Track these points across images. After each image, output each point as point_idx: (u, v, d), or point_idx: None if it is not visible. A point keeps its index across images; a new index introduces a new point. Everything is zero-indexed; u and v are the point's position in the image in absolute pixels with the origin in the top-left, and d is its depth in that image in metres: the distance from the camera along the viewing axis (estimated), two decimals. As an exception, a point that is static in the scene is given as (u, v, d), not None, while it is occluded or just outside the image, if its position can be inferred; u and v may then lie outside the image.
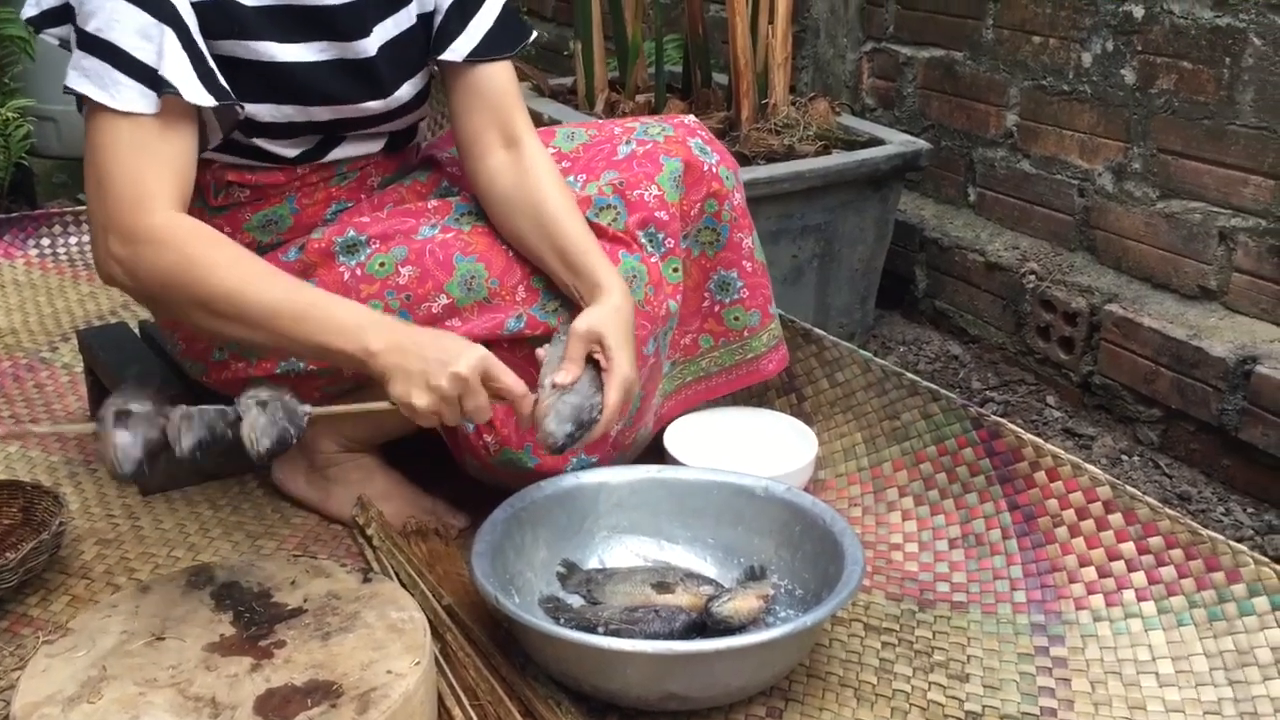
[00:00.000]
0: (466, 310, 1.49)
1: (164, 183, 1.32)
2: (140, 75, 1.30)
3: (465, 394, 1.27)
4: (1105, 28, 2.31)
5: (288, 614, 1.27)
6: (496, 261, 1.51)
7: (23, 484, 1.62)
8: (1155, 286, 2.27)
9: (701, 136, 1.69)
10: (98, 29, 1.30)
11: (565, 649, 1.29)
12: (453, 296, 1.48)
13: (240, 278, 1.30)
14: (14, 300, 2.39)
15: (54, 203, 3.12)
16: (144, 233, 1.30)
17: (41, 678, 1.16)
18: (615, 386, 1.37)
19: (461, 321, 1.48)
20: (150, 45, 1.30)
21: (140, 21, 1.30)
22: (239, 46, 1.41)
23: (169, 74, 1.30)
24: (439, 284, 1.48)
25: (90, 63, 1.30)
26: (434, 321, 1.47)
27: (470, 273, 1.49)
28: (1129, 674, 1.40)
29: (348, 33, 1.47)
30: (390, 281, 1.48)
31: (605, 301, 1.43)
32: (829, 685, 1.38)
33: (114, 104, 1.29)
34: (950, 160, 2.74)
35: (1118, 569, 1.53)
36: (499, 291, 1.49)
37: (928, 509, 1.72)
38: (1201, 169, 2.16)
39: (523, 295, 1.50)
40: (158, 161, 1.31)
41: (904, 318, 2.78)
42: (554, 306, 1.50)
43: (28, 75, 3.10)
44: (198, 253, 1.30)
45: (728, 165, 1.71)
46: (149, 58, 1.30)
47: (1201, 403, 2.07)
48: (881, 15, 2.90)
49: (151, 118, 1.31)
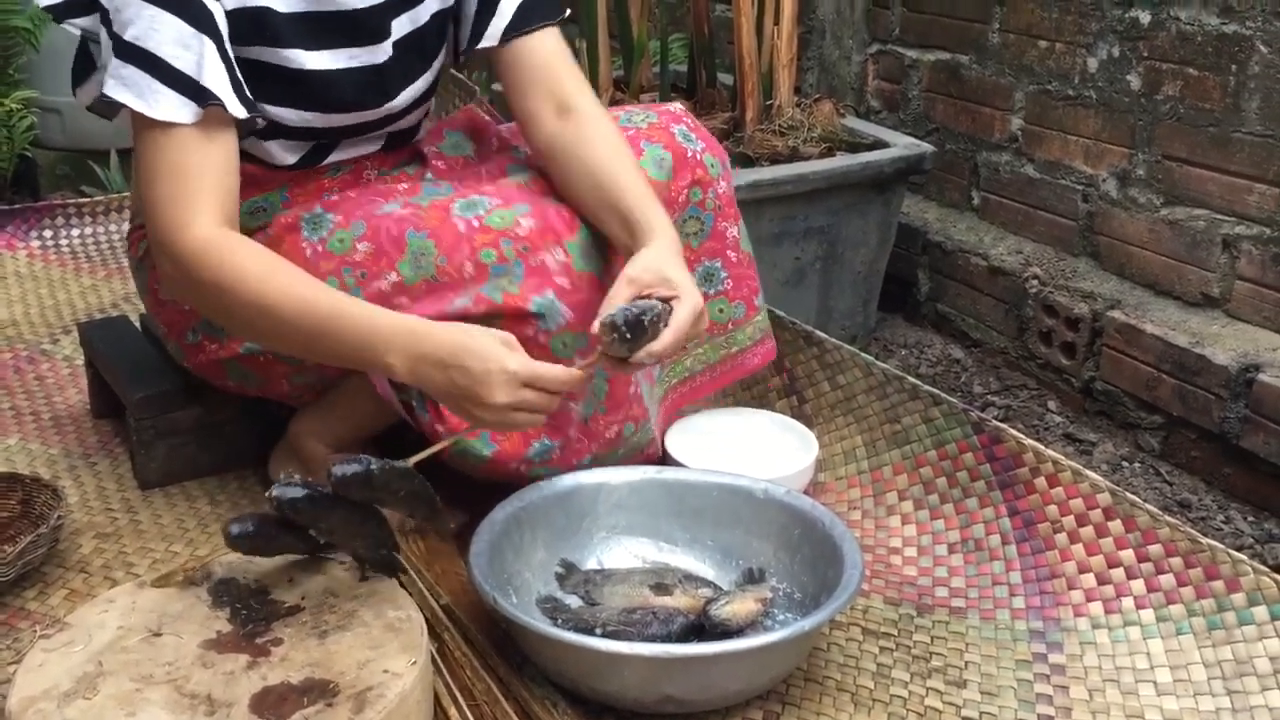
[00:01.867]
0: (415, 289, 1.44)
1: (205, 197, 1.31)
2: (180, 85, 1.30)
3: (520, 407, 1.25)
4: (1111, 33, 2.30)
5: (285, 611, 1.26)
6: (446, 238, 1.44)
7: (21, 477, 1.62)
8: (1158, 293, 2.27)
9: (686, 123, 1.65)
10: (135, 37, 1.29)
11: (563, 650, 1.28)
12: (402, 275, 1.44)
13: (261, 295, 1.30)
14: (15, 292, 2.38)
15: (57, 194, 3.12)
16: (183, 252, 1.31)
17: (38, 672, 1.16)
18: (685, 302, 1.34)
19: (410, 300, 1.43)
20: (190, 54, 1.30)
21: (179, 30, 1.30)
22: (266, 52, 1.41)
23: (210, 84, 1.31)
24: (392, 262, 1.44)
25: (129, 71, 1.30)
26: (384, 300, 1.43)
27: (420, 249, 1.44)
28: (1127, 682, 1.40)
29: (370, 36, 1.47)
30: (347, 258, 1.45)
31: (658, 242, 1.40)
32: (826, 690, 1.38)
33: (153, 113, 1.29)
34: (954, 164, 2.73)
35: (1117, 576, 1.53)
36: (446, 269, 1.43)
37: (927, 513, 1.72)
38: (1206, 176, 2.16)
39: (470, 272, 1.43)
40: (199, 174, 1.31)
41: (906, 321, 2.78)
42: (503, 284, 1.42)
43: (32, 66, 3.10)
44: (226, 270, 1.30)
45: (713, 153, 1.66)
46: (189, 67, 1.30)
47: (1203, 410, 2.06)
48: (887, 17, 2.90)
49: (191, 128, 1.31)
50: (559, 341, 1.42)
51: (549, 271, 1.42)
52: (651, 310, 1.31)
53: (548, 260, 1.42)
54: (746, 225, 1.77)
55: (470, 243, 1.43)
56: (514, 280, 1.42)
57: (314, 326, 1.29)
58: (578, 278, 1.43)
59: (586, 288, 1.44)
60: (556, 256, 1.43)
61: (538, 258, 1.42)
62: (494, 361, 1.24)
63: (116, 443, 1.85)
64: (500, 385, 1.23)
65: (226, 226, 1.33)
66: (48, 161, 3.25)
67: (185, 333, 1.59)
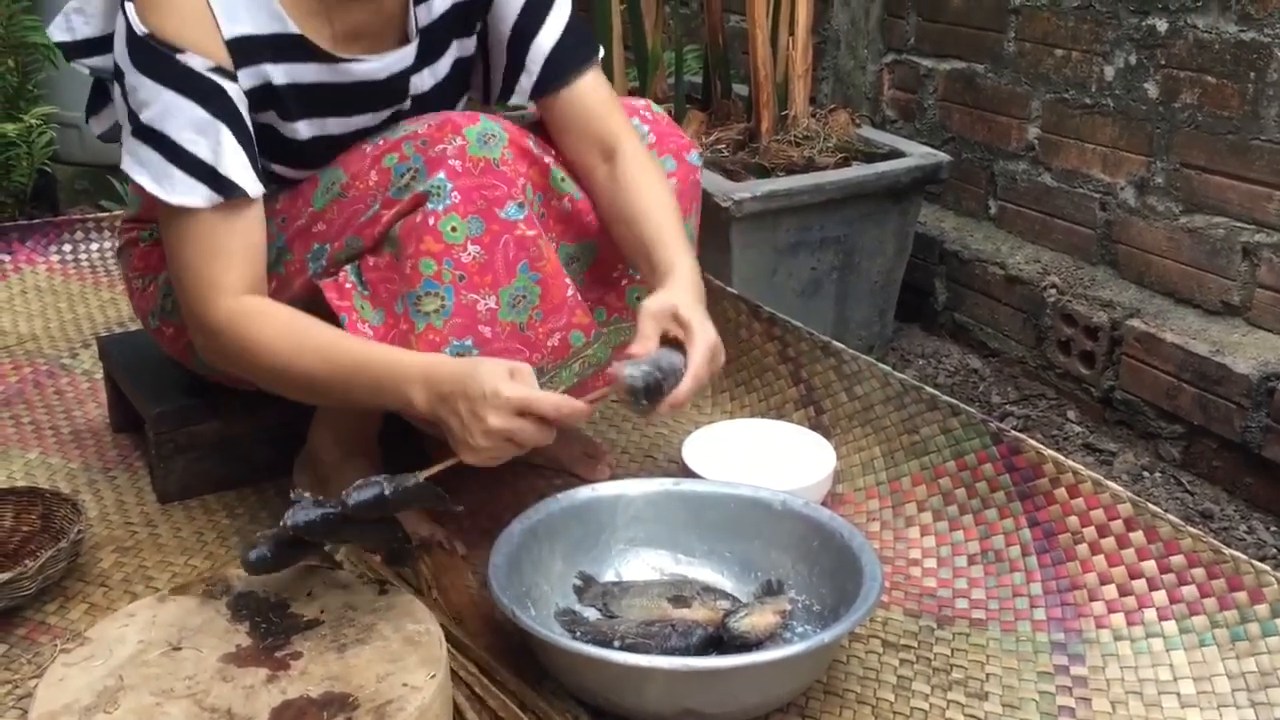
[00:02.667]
0: (326, 211, 1.45)
1: (229, 271, 1.33)
2: (196, 172, 1.30)
3: (510, 438, 1.24)
4: (1128, 41, 2.30)
5: (304, 625, 1.27)
6: (352, 160, 1.45)
7: (42, 491, 1.62)
8: (1178, 302, 2.25)
9: (642, 115, 1.63)
10: (151, 120, 1.30)
11: (582, 664, 1.28)
12: (313, 204, 1.46)
13: (286, 355, 1.32)
14: (35, 306, 2.40)
15: (76, 209, 3.14)
16: (210, 324, 1.33)
17: (58, 687, 1.16)
18: (698, 346, 1.32)
19: (326, 225, 1.44)
20: (205, 140, 1.30)
21: (194, 116, 1.30)
22: (281, 124, 1.42)
23: (230, 171, 1.31)
24: (307, 199, 1.47)
25: (146, 153, 1.31)
26: (304, 235, 1.45)
27: (330, 179, 1.46)
28: (1150, 694, 1.39)
29: (387, 100, 1.48)
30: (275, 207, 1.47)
31: (674, 280, 1.39)
32: (846, 702, 1.37)
33: (169, 199, 1.30)
34: (971, 173, 2.73)
35: (1139, 587, 1.52)
36: (351, 184, 1.44)
37: (947, 524, 1.71)
38: (1225, 184, 2.15)
39: (374, 180, 1.42)
40: (222, 251, 1.32)
41: (923, 331, 2.77)
42: (405, 181, 1.40)
43: (51, 82, 3.12)
44: (250, 337, 1.32)
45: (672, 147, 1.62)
46: (205, 154, 1.30)
47: (1224, 420, 2.05)
48: (902, 27, 2.90)
49: (211, 210, 1.31)
50: (447, 225, 1.38)
51: (445, 158, 1.39)
52: (672, 373, 1.30)
53: (446, 149, 1.40)
54: (763, 236, 1.76)
55: (374, 156, 1.44)
56: (419, 176, 1.40)
57: (342, 377, 1.31)
58: (472, 161, 1.39)
59: (481, 172, 1.39)
60: (454, 143, 1.39)
61: (436, 149, 1.40)
62: (489, 386, 1.22)
63: (136, 456, 1.85)
64: (494, 409, 1.21)
65: (251, 293, 1.34)
66: (67, 176, 3.27)
67: (148, 317, 1.65)
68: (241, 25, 1.34)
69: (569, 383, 1.50)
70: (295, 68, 1.39)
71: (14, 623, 1.45)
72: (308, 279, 1.46)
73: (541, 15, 1.52)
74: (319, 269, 1.46)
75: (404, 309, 1.39)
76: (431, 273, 1.38)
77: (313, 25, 1.39)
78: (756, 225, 2.34)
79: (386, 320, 1.41)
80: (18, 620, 1.46)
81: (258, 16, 1.35)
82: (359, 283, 1.43)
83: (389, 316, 1.41)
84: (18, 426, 1.94)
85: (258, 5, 1.34)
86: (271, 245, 1.46)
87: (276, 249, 1.47)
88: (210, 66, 1.31)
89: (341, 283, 1.43)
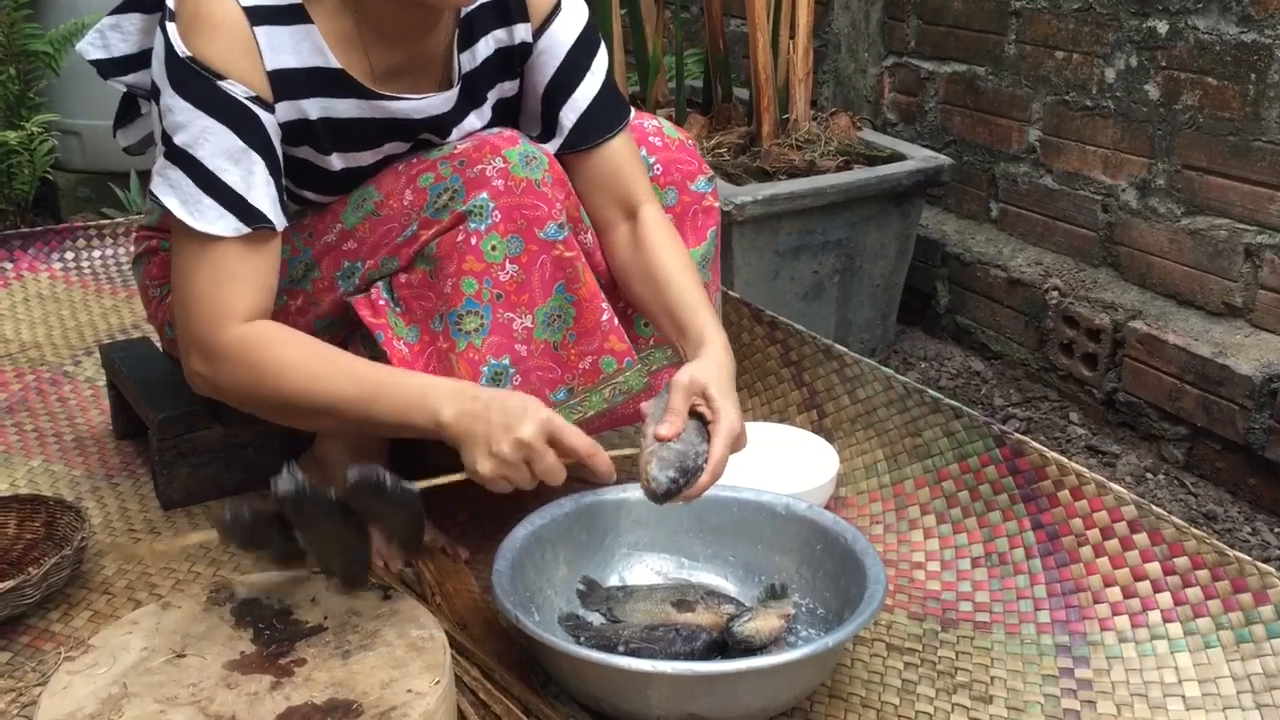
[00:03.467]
0: (359, 230, 1.44)
1: (242, 299, 1.31)
2: (225, 200, 1.29)
3: (531, 458, 1.23)
4: (1129, 43, 2.30)
5: (308, 631, 1.26)
6: (385, 179, 1.45)
7: (45, 499, 1.62)
8: (1180, 303, 2.25)
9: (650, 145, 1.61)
10: (185, 144, 1.29)
11: (586, 669, 1.28)
12: (343, 221, 1.45)
13: (309, 377, 1.30)
14: (38, 314, 2.40)
15: (78, 216, 3.15)
16: (219, 350, 1.30)
17: (63, 695, 1.16)
18: (721, 435, 1.32)
19: (356, 242, 1.44)
20: (238, 169, 1.29)
21: (229, 144, 1.29)
22: (317, 158, 1.42)
23: (258, 202, 1.30)
24: (336, 215, 1.46)
25: (176, 175, 1.30)
26: (332, 252, 1.44)
27: (361, 196, 1.45)
28: (1155, 697, 1.38)
29: (428, 137, 1.47)
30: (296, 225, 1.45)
31: (707, 354, 1.38)
32: (851, 706, 1.37)
33: (195, 224, 1.29)
34: (972, 175, 2.73)
35: (1143, 589, 1.52)
36: (385, 203, 1.44)
37: (950, 527, 1.71)
38: (1227, 185, 2.15)
39: (409, 199, 1.42)
40: (238, 280, 1.31)
41: (925, 333, 2.77)
42: (443, 201, 1.40)
43: (52, 90, 3.13)
44: (266, 361, 1.30)
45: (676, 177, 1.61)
46: (236, 183, 1.29)
47: (1227, 421, 2.05)
48: (903, 30, 2.90)
49: (233, 239, 1.30)
50: (488, 244, 1.38)
51: (486, 178, 1.39)
52: (695, 473, 1.30)
53: (486, 169, 1.39)
54: (765, 240, 1.76)
55: (408, 175, 1.43)
56: (457, 196, 1.40)
57: (366, 395, 1.29)
58: (515, 181, 1.39)
59: (523, 192, 1.39)
60: (494, 164, 1.39)
61: (475, 169, 1.40)
62: (533, 404, 1.23)
63: (139, 463, 1.86)
64: (530, 422, 1.21)
65: (260, 319, 1.33)
66: (68, 184, 3.27)
67: (165, 327, 1.64)
68: (284, 58, 1.33)
69: (598, 408, 1.50)
70: (333, 102, 1.38)
71: (18, 630, 1.45)
72: (337, 297, 1.46)
73: (580, 74, 1.51)
74: (351, 287, 1.45)
75: (444, 327, 1.40)
76: (473, 292, 1.38)
77: (354, 61, 1.38)
78: (758, 229, 2.34)
79: (422, 337, 1.41)
80: (21, 628, 1.46)
81: (300, 50, 1.34)
82: (392, 300, 1.43)
83: (424, 333, 1.41)
84: (20, 434, 1.94)
85: (300, 38, 1.34)
86: (297, 260, 1.46)
87: (304, 264, 1.47)
88: (250, 95, 1.30)
89: (375, 299, 1.42)
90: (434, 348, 1.40)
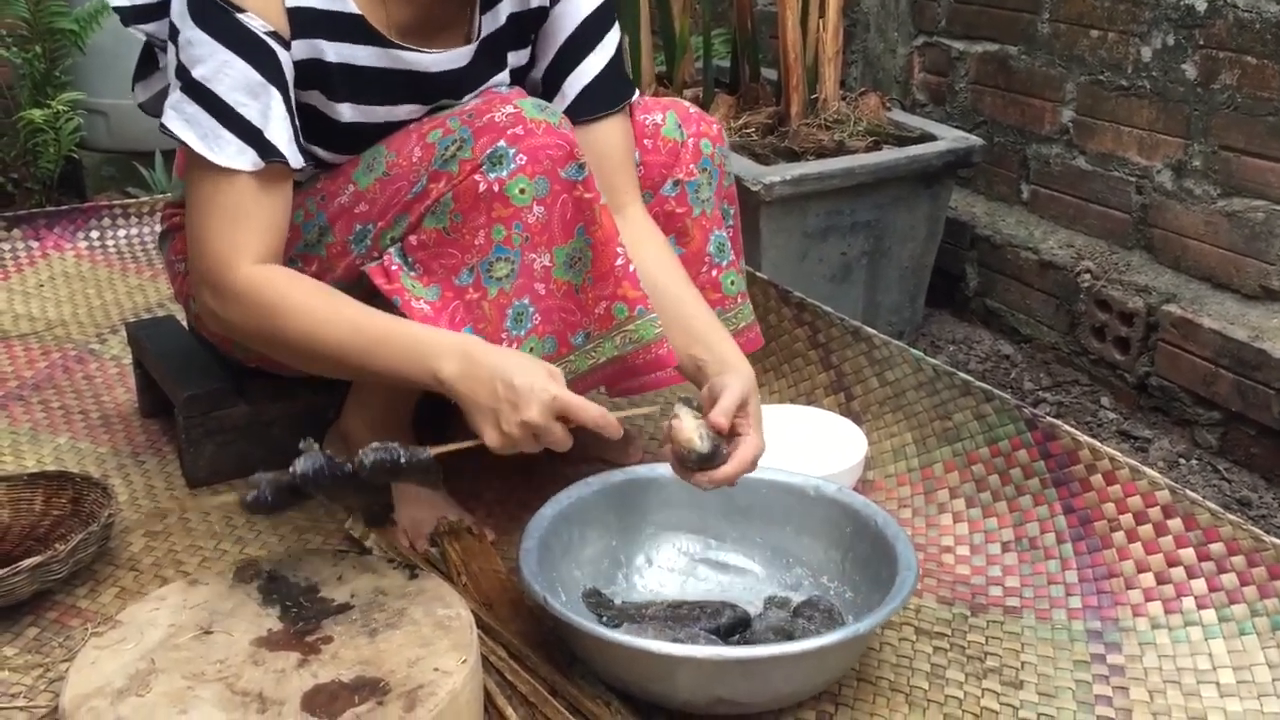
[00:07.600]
0: (369, 190, 1.43)
1: (254, 238, 1.31)
2: (244, 133, 1.29)
3: (540, 434, 1.23)
4: (1166, 21, 2.26)
5: (335, 609, 1.26)
6: (396, 139, 1.44)
7: (72, 475, 1.62)
8: (1215, 286, 2.22)
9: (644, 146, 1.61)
10: (204, 77, 1.29)
11: (613, 651, 1.27)
12: (355, 183, 1.44)
13: (312, 321, 1.30)
14: (64, 292, 2.40)
15: (103, 195, 3.15)
16: (229, 288, 1.31)
17: (90, 670, 1.16)
18: (750, 445, 1.34)
19: (368, 203, 1.43)
20: (256, 104, 1.29)
21: (248, 78, 1.29)
22: (325, 105, 1.41)
23: (274, 137, 1.30)
24: (348, 176, 1.45)
25: (193, 110, 1.30)
26: (346, 213, 1.43)
27: (373, 157, 1.44)
28: (1189, 683, 1.36)
29: (441, 95, 1.46)
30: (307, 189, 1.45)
31: (739, 375, 1.38)
32: (880, 690, 1.36)
33: (214, 158, 1.29)
34: (1003, 157, 2.70)
35: (1177, 575, 1.50)
36: (395, 162, 1.42)
37: (980, 511, 1.69)
38: (1264, 166, 2.11)
39: (418, 155, 1.40)
40: (251, 218, 1.31)
41: (954, 316, 2.74)
42: (450, 153, 1.38)
43: (77, 69, 3.13)
44: (273, 302, 1.30)
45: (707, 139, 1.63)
46: (254, 117, 1.30)
47: (1263, 406, 2.02)
48: (933, 9, 2.86)
49: (249, 175, 1.30)
50: (515, 187, 1.36)
51: (497, 125, 1.37)
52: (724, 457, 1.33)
53: (495, 117, 1.37)
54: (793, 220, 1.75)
55: (419, 133, 1.43)
56: (465, 146, 1.38)
57: (367, 345, 1.29)
58: (534, 124, 1.37)
59: (544, 132, 1.37)
60: (505, 111, 1.38)
61: (484, 119, 1.38)
62: (539, 381, 1.22)
63: (165, 441, 1.86)
64: (538, 404, 1.21)
65: (273, 263, 1.34)
66: (93, 163, 3.28)
67: (190, 302, 1.62)
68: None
69: (609, 354, 1.47)
70: (350, 48, 1.38)
71: (45, 606, 1.46)
72: (351, 261, 1.45)
73: (590, 46, 1.51)
74: (363, 250, 1.44)
75: (474, 278, 1.38)
76: (502, 238, 1.37)
77: (372, 10, 1.39)
78: (786, 210, 2.32)
79: (444, 294, 1.40)
80: (49, 604, 1.46)
81: None
82: (405, 264, 1.41)
83: (447, 290, 1.39)
84: (47, 411, 1.94)
85: None
86: (311, 223, 1.45)
87: (318, 228, 1.46)
88: (268, 30, 1.30)
89: (387, 265, 1.41)
90: (460, 301, 1.39)
